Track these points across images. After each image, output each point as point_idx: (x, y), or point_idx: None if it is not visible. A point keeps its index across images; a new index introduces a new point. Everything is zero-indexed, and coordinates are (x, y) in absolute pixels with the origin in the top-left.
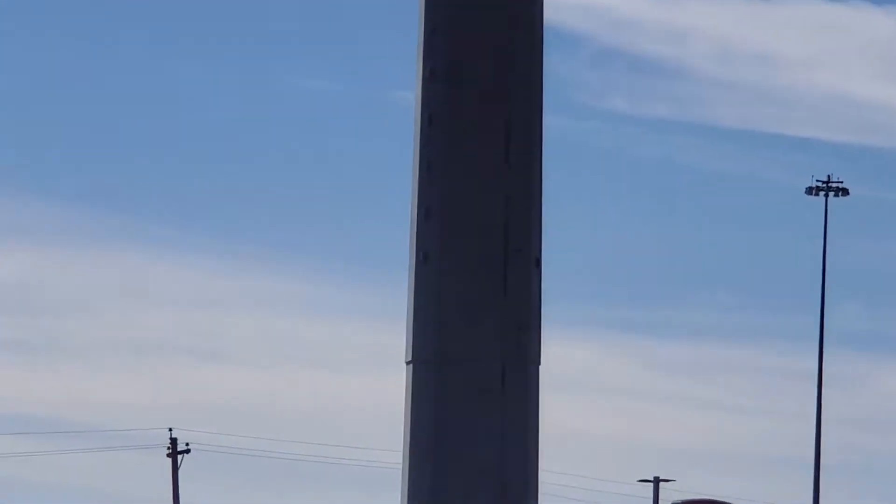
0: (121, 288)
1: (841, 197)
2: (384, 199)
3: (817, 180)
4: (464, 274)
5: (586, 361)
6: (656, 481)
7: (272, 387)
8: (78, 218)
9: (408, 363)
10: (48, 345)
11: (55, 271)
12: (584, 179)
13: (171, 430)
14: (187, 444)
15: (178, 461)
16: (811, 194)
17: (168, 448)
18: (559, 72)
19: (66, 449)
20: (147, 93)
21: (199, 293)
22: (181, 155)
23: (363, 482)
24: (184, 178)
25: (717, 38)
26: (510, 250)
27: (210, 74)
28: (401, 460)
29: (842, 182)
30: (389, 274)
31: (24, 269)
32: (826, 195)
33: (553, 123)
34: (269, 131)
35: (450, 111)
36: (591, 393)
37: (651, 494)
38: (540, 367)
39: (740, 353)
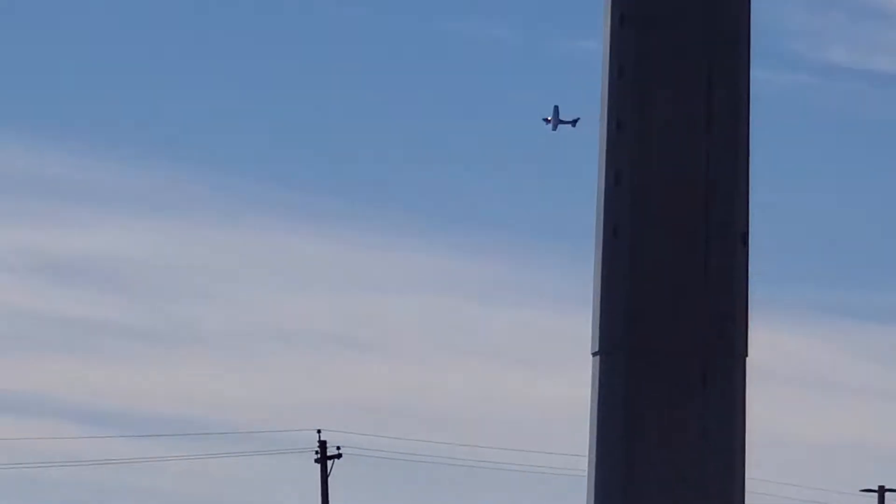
0: (263, 268)
1: None
2: (566, 163)
3: None
4: (659, 251)
5: (800, 353)
6: (881, 491)
7: (436, 383)
8: (215, 188)
9: (594, 354)
10: (180, 334)
11: (189, 249)
12: (796, 142)
13: (319, 431)
14: (338, 448)
15: (328, 467)
16: None
17: (316, 452)
18: (769, 17)
19: (200, 453)
20: (303, 45)
21: (354, 275)
22: (332, 115)
23: (543, 490)
24: (337, 140)
25: None
26: (712, 224)
27: (375, 22)
28: (586, 465)
29: None
30: (573, 250)
31: (154, 246)
32: None
33: (761, 77)
34: (436, 87)
35: (643, 62)
36: (806, 389)
37: None
38: (747, 359)
39: None
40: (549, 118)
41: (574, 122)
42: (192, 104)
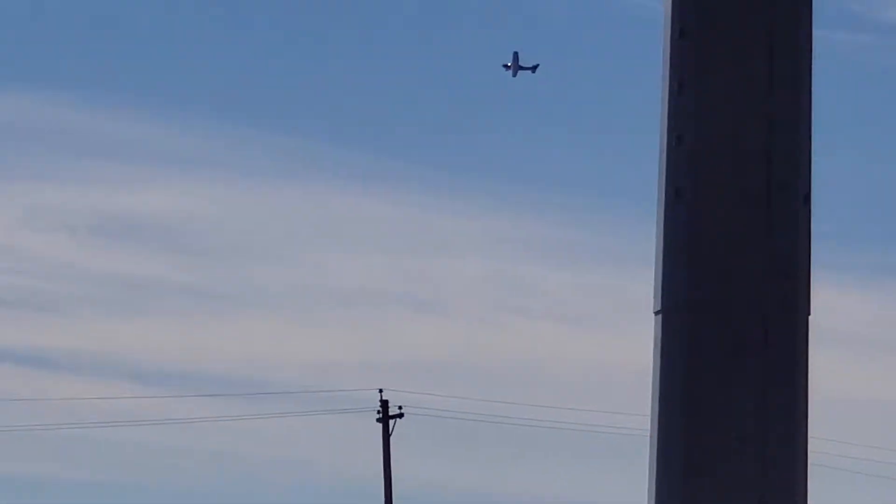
0: (323, 228)
1: None
2: (627, 124)
3: None
4: (721, 211)
5: (862, 312)
6: None
7: (499, 342)
8: (275, 147)
9: (656, 313)
10: (240, 293)
11: (250, 210)
12: (858, 102)
13: (381, 391)
14: (400, 408)
15: (390, 427)
16: None
17: (378, 412)
18: None
19: (261, 413)
20: (363, 6)
21: (416, 235)
22: (393, 76)
23: (605, 449)
24: (397, 100)
25: None
26: (775, 184)
27: None
28: (648, 424)
29: None
30: (635, 212)
31: (214, 205)
32: None
33: (822, 37)
34: (492, 45)
35: (704, 23)
36: (868, 349)
37: None
38: (809, 317)
39: None
40: (509, 64)
41: (534, 69)
42: (251, 63)
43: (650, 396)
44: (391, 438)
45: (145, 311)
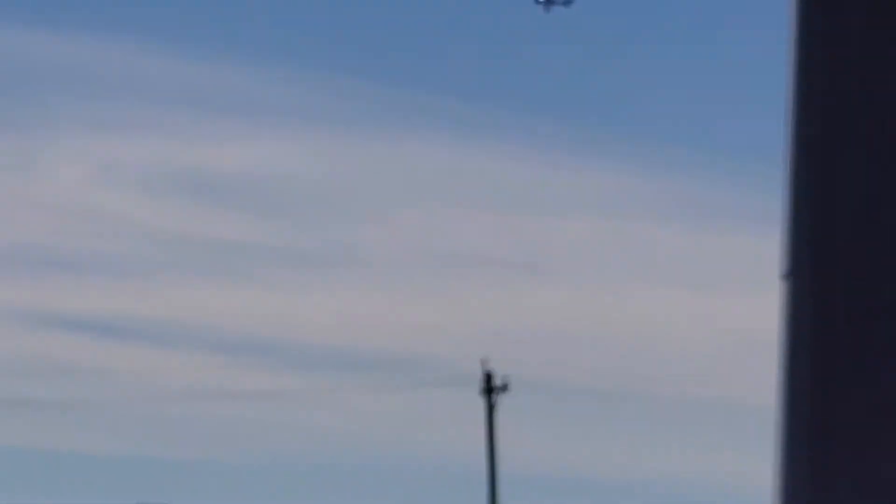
0: (427, 187)
1: None
2: (754, 78)
3: None
4: (851, 170)
5: None
6: None
7: (612, 309)
8: (375, 99)
9: (783, 278)
10: (336, 258)
11: (346, 166)
12: None
13: (484, 362)
14: (505, 380)
15: (494, 400)
16: None
17: (482, 385)
18: None
19: (356, 384)
20: None
21: (524, 194)
22: (503, 23)
23: (728, 422)
24: (508, 48)
25: None
26: None
27: None
28: (775, 393)
29: None
30: (760, 169)
31: (310, 162)
32: None
33: None
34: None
35: None
36: None
37: None
38: None
39: None
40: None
41: (567, 2)
42: (348, 13)
43: (777, 365)
44: (495, 413)
45: (231, 277)
